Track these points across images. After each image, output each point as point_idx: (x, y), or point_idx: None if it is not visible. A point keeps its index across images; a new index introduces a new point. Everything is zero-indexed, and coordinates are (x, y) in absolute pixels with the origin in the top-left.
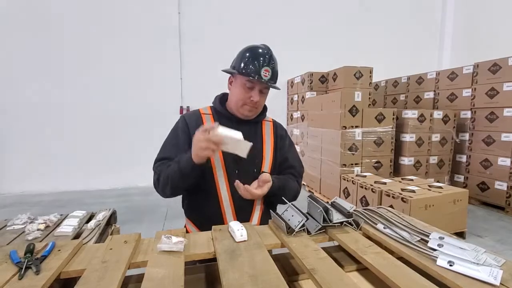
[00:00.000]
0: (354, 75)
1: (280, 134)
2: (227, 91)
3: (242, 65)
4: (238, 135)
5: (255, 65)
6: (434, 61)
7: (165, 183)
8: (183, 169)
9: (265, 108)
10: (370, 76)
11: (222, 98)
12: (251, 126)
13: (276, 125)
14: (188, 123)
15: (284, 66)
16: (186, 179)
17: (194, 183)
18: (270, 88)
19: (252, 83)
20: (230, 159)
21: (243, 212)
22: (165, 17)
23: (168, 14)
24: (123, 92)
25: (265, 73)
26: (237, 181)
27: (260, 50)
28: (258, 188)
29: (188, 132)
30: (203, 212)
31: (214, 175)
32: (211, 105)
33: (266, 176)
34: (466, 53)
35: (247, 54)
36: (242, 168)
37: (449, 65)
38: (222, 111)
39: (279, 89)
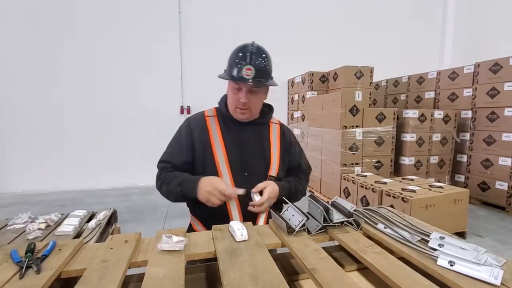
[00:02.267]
0: (355, 74)
1: (288, 139)
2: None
3: (229, 67)
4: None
5: (237, 66)
6: (435, 60)
7: (168, 195)
8: (185, 193)
9: (270, 109)
10: (370, 76)
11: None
12: (256, 128)
13: (284, 129)
14: (192, 128)
15: (285, 65)
16: (186, 199)
17: None
18: (270, 87)
19: (238, 84)
20: (238, 162)
21: (250, 213)
22: (165, 17)
23: (168, 14)
24: (123, 92)
25: (247, 72)
26: (249, 207)
27: (243, 49)
28: (260, 200)
29: (191, 137)
30: (209, 210)
31: (220, 176)
32: (216, 105)
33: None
34: (467, 53)
35: (232, 56)
36: (250, 171)
37: (450, 65)
38: (226, 114)
39: (273, 85)
